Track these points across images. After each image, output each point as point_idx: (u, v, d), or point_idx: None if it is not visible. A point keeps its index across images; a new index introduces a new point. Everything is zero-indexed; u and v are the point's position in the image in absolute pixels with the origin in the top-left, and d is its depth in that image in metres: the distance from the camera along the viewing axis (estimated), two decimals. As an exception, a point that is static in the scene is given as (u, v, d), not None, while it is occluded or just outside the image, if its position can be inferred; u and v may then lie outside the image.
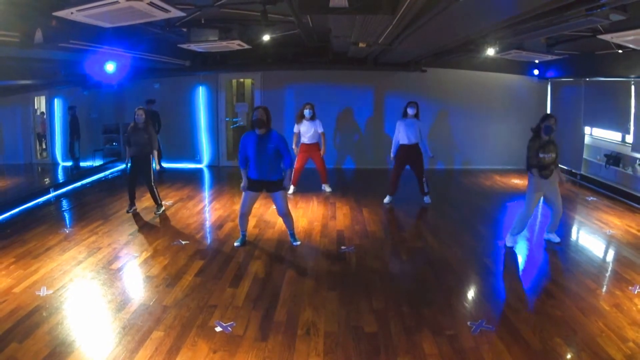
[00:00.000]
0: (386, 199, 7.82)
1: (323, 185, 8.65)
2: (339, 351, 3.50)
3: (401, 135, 7.55)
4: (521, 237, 5.90)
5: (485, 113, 10.68)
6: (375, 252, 5.68)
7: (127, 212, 7.14)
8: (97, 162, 10.84)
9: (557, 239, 5.86)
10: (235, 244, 5.76)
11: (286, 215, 5.69)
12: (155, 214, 7.12)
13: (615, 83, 8.20)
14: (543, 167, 5.50)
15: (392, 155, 7.76)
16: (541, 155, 5.46)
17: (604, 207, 7.56)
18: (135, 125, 6.87)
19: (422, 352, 3.48)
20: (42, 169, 11.57)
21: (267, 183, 5.45)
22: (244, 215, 5.67)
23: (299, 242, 5.87)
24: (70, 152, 11.15)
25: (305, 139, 8.25)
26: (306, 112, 8.16)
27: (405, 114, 7.58)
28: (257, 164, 5.32)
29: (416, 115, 7.56)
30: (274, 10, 5.63)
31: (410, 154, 7.57)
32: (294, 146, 8.34)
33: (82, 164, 10.80)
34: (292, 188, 8.35)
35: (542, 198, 5.80)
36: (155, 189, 7.14)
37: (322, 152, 8.32)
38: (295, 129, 8.33)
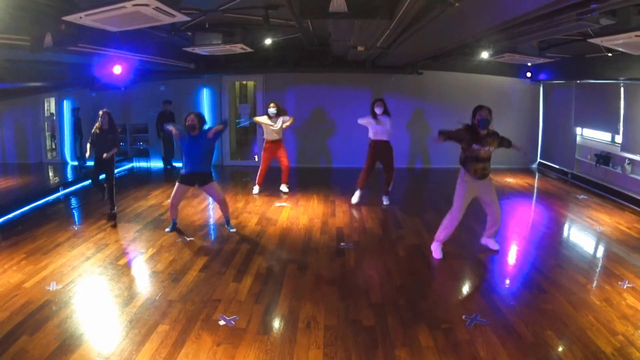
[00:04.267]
0: (355, 197, 7.61)
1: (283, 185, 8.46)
2: (338, 344, 3.51)
3: (371, 131, 7.47)
4: (509, 234, 5.89)
5: (480, 114, 10.67)
6: (373, 248, 5.68)
7: (104, 199, 6.97)
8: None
9: (495, 246, 5.43)
10: (167, 230, 6.19)
11: (222, 203, 6.22)
12: (110, 214, 6.69)
13: (605, 85, 8.19)
14: (477, 159, 5.00)
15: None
16: (476, 147, 4.97)
17: (595, 205, 7.56)
18: (100, 127, 6.68)
19: (419, 345, 3.49)
20: (51, 168, 11.59)
21: (200, 175, 5.96)
22: (174, 206, 6.15)
23: (234, 229, 6.25)
24: (75, 151, 11.19)
25: (269, 136, 8.14)
26: (270, 110, 8.00)
27: (374, 115, 7.35)
28: (191, 159, 5.91)
29: (385, 112, 7.37)
30: (275, 15, 5.63)
31: (378, 150, 7.50)
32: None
33: (88, 163, 10.79)
34: (256, 188, 8.34)
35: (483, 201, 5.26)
36: (114, 192, 6.84)
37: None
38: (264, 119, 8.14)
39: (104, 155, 6.62)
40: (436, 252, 5.29)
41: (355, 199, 7.62)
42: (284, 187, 8.42)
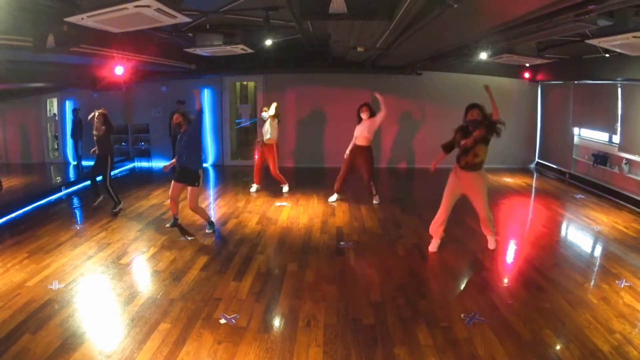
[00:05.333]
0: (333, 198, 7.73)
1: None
2: (338, 342, 3.51)
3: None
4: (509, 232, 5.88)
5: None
6: (372, 247, 5.68)
7: (93, 205, 7.26)
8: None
9: (492, 245, 5.44)
10: (167, 225, 6.30)
11: (194, 210, 6.04)
12: (112, 211, 7.04)
13: (603, 86, 8.19)
14: (465, 151, 5.11)
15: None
16: (462, 142, 5.13)
17: (592, 205, 7.56)
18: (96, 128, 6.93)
19: (418, 343, 3.48)
20: (53, 167, 11.59)
21: (184, 170, 5.90)
22: (172, 200, 6.15)
23: (210, 230, 6.15)
24: (76, 151, 11.19)
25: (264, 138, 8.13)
26: (264, 114, 8.06)
27: (360, 120, 7.38)
28: (178, 154, 5.98)
29: (371, 117, 7.30)
30: (276, 16, 5.63)
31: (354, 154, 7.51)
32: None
33: (85, 163, 10.82)
34: (255, 186, 8.39)
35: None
36: (110, 188, 7.08)
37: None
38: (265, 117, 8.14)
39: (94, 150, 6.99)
40: (431, 245, 5.49)
41: (333, 198, 7.72)
42: (254, 188, 8.43)
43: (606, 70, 7.59)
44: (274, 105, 8.13)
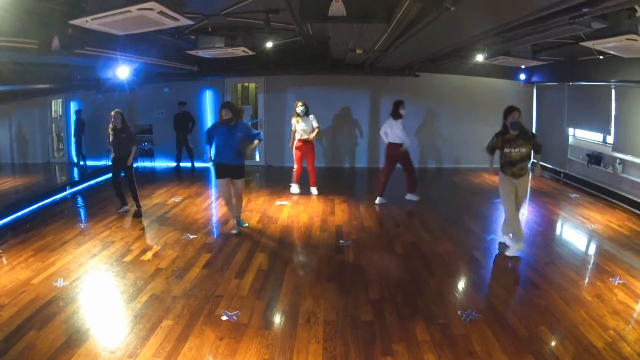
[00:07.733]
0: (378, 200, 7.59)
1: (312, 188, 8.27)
2: (337, 338, 3.51)
3: (394, 134, 7.44)
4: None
5: (474, 115, 10.65)
6: (371, 245, 5.68)
7: (118, 211, 6.97)
8: (110, 161, 10.85)
9: (511, 243, 5.36)
10: (234, 232, 5.99)
11: (240, 198, 6.10)
12: (135, 212, 6.88)
13: (597, 87, 8.18)
14: (510, 162, 5.16)
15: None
16: (507, 150, 5.10)
17: (586, 204, 7.56)
18: (114, 127, 6.73)
19: (416, 339, 3.49)
20: (58, 167, 11.58)
21: (230, 167, 5.84)
22: (228, 201, 6.07)
23: (246, 224, 6.28)
24: (79, 151, 11.20)
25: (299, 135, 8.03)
26: (299, 109, 7.97)
27: (398, 115, 7.45)
28: (224, 151, 5.81)
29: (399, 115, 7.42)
30: (276, 18, 5.62)
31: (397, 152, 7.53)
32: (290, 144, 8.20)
33: (94, 163, 10.81)
34: (296, 187, 8.23)
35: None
36: (136, 189, 6.93)
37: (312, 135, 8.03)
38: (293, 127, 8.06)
39: (127, 163, 6.73)
40: (515, 249, 5.25)
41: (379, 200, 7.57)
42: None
43: (600, 71, 7.58)
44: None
